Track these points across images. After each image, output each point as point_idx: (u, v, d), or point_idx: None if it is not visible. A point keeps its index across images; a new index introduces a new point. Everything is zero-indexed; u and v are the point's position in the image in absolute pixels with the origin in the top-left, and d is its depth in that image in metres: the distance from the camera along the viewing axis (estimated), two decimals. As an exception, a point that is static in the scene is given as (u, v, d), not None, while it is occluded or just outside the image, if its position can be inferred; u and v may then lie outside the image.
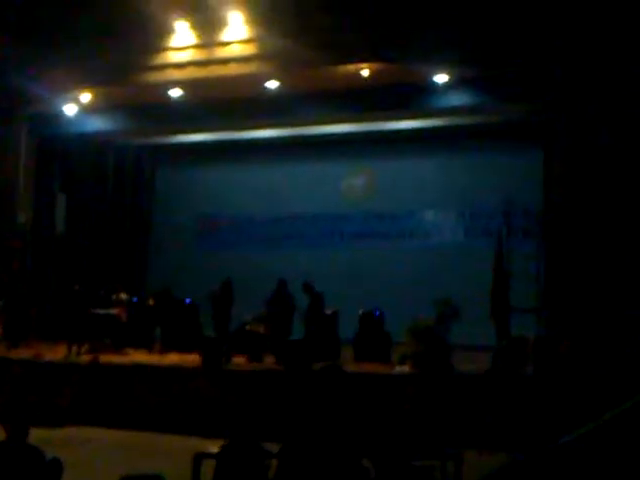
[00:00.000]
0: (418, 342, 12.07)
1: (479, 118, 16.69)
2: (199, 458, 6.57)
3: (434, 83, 14.88)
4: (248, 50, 15.18)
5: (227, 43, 15.26)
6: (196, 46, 15.48)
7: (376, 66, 14.57)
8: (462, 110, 15.89)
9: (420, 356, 11.89)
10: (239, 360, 13.48)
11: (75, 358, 13.73)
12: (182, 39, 15.36)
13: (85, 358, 13.52)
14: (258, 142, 18.99)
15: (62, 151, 18.63)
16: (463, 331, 12.62)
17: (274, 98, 15.76)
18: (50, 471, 5.66)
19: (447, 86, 14.92)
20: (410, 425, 9.53)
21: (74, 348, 14.03)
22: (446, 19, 13.54)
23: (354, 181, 18.94)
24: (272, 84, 15.47)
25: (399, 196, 18.11)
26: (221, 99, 16.13)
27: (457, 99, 15.22)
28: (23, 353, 13.96)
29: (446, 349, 12.07)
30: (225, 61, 15.31)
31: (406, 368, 12.07)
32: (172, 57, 15.69)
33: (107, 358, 13.53)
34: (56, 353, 14.04)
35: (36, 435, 5.79)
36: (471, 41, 13.66)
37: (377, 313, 14.18)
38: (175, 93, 16.12)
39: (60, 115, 17.28)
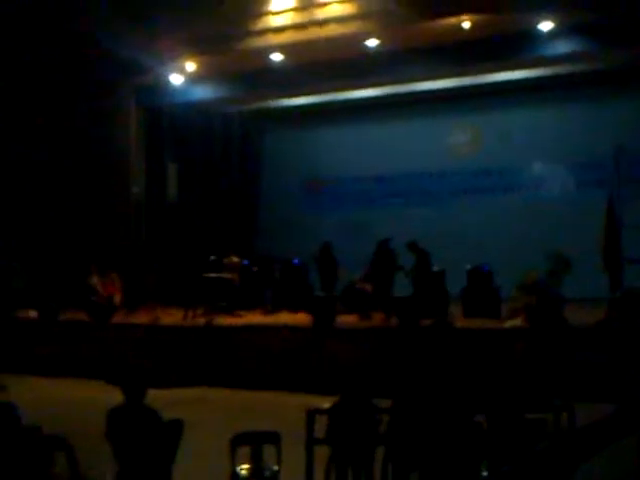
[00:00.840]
0: (529, 295, 11.89)
1: (586, 65, 16.13)
2: (312, 414, 6.69)
3: (539, 31, 14.44)
4: (347, 9, 15.07)
5: (325, 4, 15.19)
6: (294, 9, 15.47)
7: (477, 17, 14.22)
8: (569, 58, 15.37)
9: (532, 309, 11.72)
10: (349, 318, 13.63)
11: (191, 321, 14.18)
12: (280, 2, 15.38)
13: (200, 321, 13.94)
14: (361, 102, 18.91)
15: (170, 121, 19.02)
16: (576, 284, 12.36)
17: (375, 57, 15.64)
18: (170, 431, 5.88)
19: (552, 33, 14.45)
20: (522, 379, 9.45)
21: (189, 312, 14.50)
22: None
23: (460, 137, 18.70)
24: (372, 42, 15.34)
25: (506, 150, 17.77)
26: (322, 61, 16.08)
27: (563, 46, 14.71)
28: (141, 318, 14.46)
29: (558, 302, 11.85)
30: (324, 22, 15.24)
31: (517, 322, 11.93)
32: (271, 21, 15.75)
33: (221, 320, 13.89)
34: (173, 317, 14.54)
35: (153, 396, 5.97)
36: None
37: (486, 268, 14.02)
38: (276, 57, 16.22)
39: (166, 85, 17.64)
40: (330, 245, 15.10)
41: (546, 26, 14.31)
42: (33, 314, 15.01)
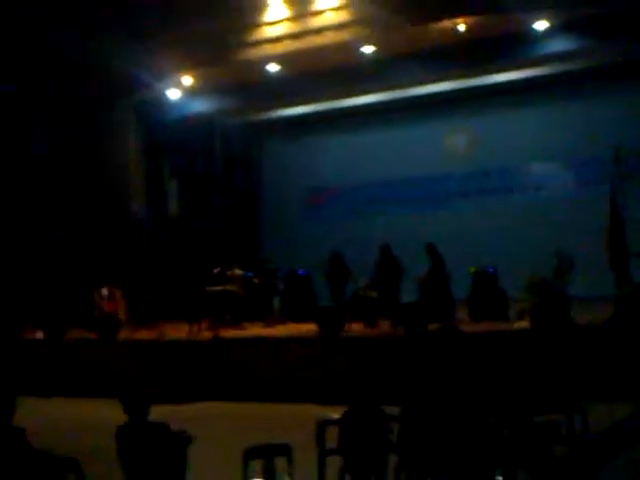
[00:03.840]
0: (535, 296, 11.84)
1: (582, 63, 16.17)
2: (323, 425, 6.64)
3: (534, 31, 14.48)
4: (341, 17, 15.13)
5: (320, 12, 15.26)
6: (289, 19, 15.52)
7: (472, 19, 14.27)
8: (565, 56, 15.45)
9: (538, 310, 11.66)
10: (355, 327, 13.58)
11: (196, 336, 14.13)
12: (275, 13, 15.42)
13: (206, 335, 13.89)
14: (359, 109, 18.98)
15: (169, 136, 19.05)
16: (582, 282, 12.31)
17: (371, 63, 15.71)
18: (177, 443, 5.83)
19: (548, 32, 14.52)
20: (533, 381, 9.40)
21: (194, 326, 14.44)
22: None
23: (459, 139, 18.70)
24: (368, 49, 15.38)
25: (504, 151, 17.80)
26: (319, 69, 16.15)
27: (559, 45, 14.79)
28: (147, 334, 14.42)
29: (565, 301, 11.79)
30: (319, 30, 15.31)
31: (525, 324, 11.87)
32: (267, 32, 15.79)
33: (227, 333, 13.85)
34: (178, 332, 14.48)
35: (162, 412, 5.94)
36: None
37: (491, 270, 13.96)
38: (273, 68, 16.25)
39: (164, 100, 17.71)
40: (340, 254, 15.06)
41: (541, 25, 14.36)
42: (39, 335, 14.95)
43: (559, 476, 5.57)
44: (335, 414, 6.39)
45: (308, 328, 13.53)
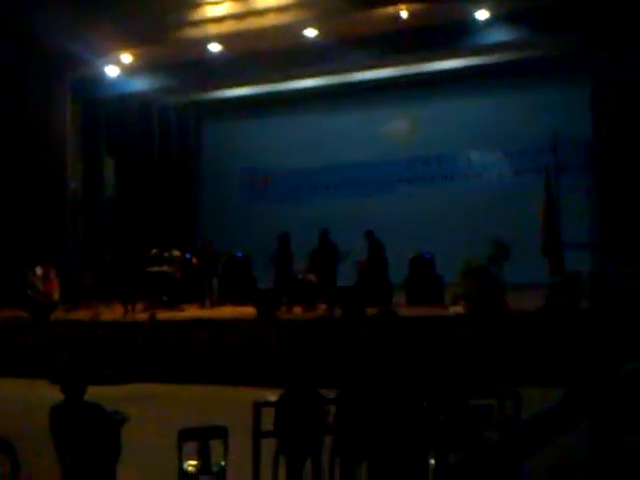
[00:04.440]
0: (471, 282, 12.02)
1: (522, 53, 16.42)
2: (259, 407, 6.65)
3: (475, 20, 14.61)
4: (285, -1, 15.03)
5: (263, -6, 15.14)
6: (233, -1, 15.39)
7: (414, 6, 14.34)
8: (505, 46, 15.67)
9: (473, 295, 11.85)
10: (294, 310, 13.65)
11: (132, 317, 13.99)
12: (219, -8, 15.29)
13: (142, 316, 13.76)
14: (300, 92, 18.92)
15: (106, 114, 18.77)
16: (516, 269, 12.54)
17: (313, 46, 15.65)
18: (111, 423, 5.78)
19: (488, 22, 14.67)
20: (467, 365, 9.55)
21: (129, 307, 14.32)
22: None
23: (398, 126, 18.81)
24: (310, 32, 15.32)
25: (444, 138, 17.98)
26: (260, 51, 16.05)
27: (499, 35, 14.97)
28: (82, 314, 14.22)
29: (499, 288, 12.01)
30: (262, 12, 15.20)
31: (460, 309, 12.05)
32: (209, 11, 15.62)
33: (164, 314, 13.74)
34: (113, 313, 14.32)
35: (97, 393, 5.87)
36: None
37: (427, 256, 14.15)
38: (214, 48, 16.07)
39: (102, 78, 17.37)
40: (288, 236, 14.84)
41: (482, 15, 14.48)
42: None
43: (490, 459, 5.67)
44: (272, 396, 6.40)
45: (246, 310, 13.51)
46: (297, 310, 13.65)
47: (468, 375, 7.40)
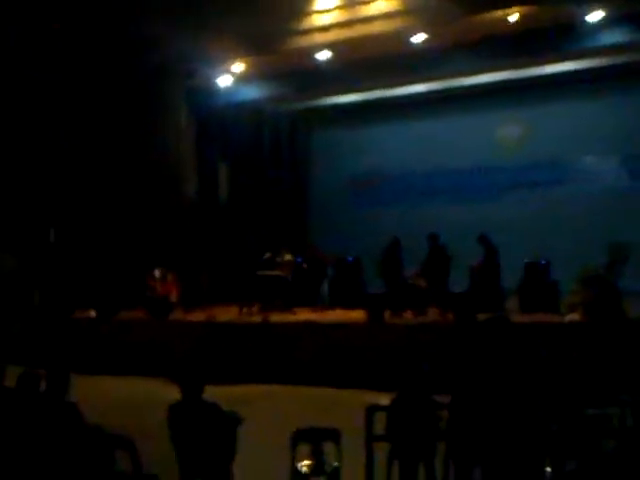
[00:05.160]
0: (588, 289, 11.72)
1: (636, 55, 15.82)
2: (372, 411, 6.68)
3: (587, 22, 14.22)
4: (392, 6, 14.99)
5: (370, 1, 15.15)
6: (340, 7, 15.47)
7: (524, 9, 14.06)
8: (618, 48, 15.13)
9: (591, 303, 11.55)
10: (405, 315, 13.60)
11: (247, 318, 14.26)
12: (326, 1, 15.38)
13: (256, 318, 14.02)
14: (409, 98, 18.86)
15: (220, 122, 19.17)
16: (636, 276, 12.16)
17: (421, 52, 15.55)
18: (228, 423, 5.93)
19: (601, 24, 14.21)
20: (584, 374, 9.32)
21: (245, 309, 14.64)
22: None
23: (510, 130, 18.54)
24: (418, 38, 15.23)
25: (557, 143, 17.62)
26: (369, 58, 16.05)
27: (612, 37, 14.47)
28: (198, 316, 14.58)
29: (617, 295, 11.66)
30: (369, 19, 15.19)
31: (577, 316, 11.76)
32: (317, 20, 15.75)
33: (277, 317, 13.95)
34: (229, 314, 14.62)
35: (214, 393, 6.05)
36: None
37: (542, 262, 13.87)
38: (323, 56, 16.22)
39: (215, 87, 17.80)
40: (398, 241, 14.84)
41: (596, 16, 14.08)
42: (92, 314, 15.26)
43: (608, 468, 5.54)
44: (384, 400, 6.43)
45: (356, 314, 13.58)
46: (407, 315, 13.63)
47: (586, 384, 7.22)
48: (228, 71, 17.33)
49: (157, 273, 15.37)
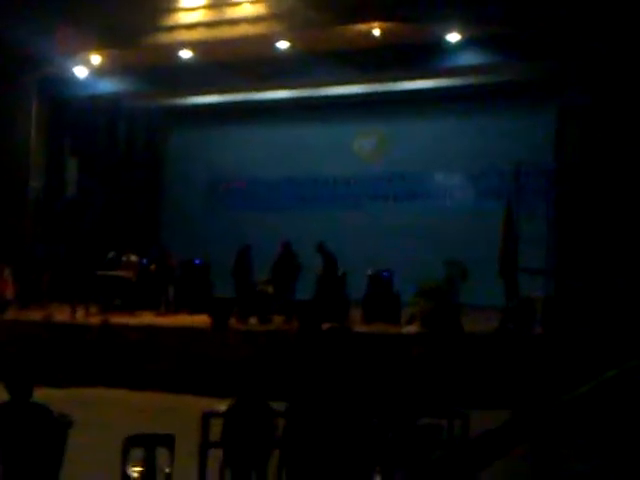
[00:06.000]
0: (427, 302, 12.09)
1: (491, 77, 16.59)
2: (207, 417, 6.61)
3: (446, 42, 14.76)
4: (258, 10, 15.08)
5: (237, 3, 15.21)
6: (206, 6, 15.42)
7: (387, 25, 14.44)
8: (474, 70, 15.83)
9: (429, 316, 11.91)
10: (250, 321, 13.57)
11: (84, 319, 13.81)
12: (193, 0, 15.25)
13: (95, 319, 13.61)
14: (270, 103, 18.91)
15: (73, 114, 18.60)
16: (472, 291, 12.64)
17: (285, 59, 15.69)
18: (57, 426, 5.71)
19: (459, 45, 14.82)
20: (418, 384, 9.58)
21: (80, 309, 14.08)
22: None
23: (365, 143, 18.88)
24: (282, 44, 15.36)
25: (410, 158, 18.05)
26: (232, 60, 16.03)
27: (469, 58, 15.11)
28: (34, 315, 14.03)
29: (455, 309, 12.09)
30: (235, 21, 15.21)
31: (414, 328, 12.10)
32: (182, 18, 15.61)
33: (117, 319, 13.59)
34: (67, 315, 14.12)
35: (45, 394, 5.85)
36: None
37: (386, 274, 14.19)
38: (186, 54, 16.05)
39: (70, 78, 17.23)
40: (249, 247, 14.88)
41: (453, 37, 14.63)
42: None
43: (434, 477, 5.69)
44: (222, 407, 6.37)
45: (201, 319, 13.44)
46: (252, 321, 13.60)
47: (419, 394, 7.42)
48: (85, 62, 16.80)
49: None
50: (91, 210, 18.56)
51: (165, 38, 15.94)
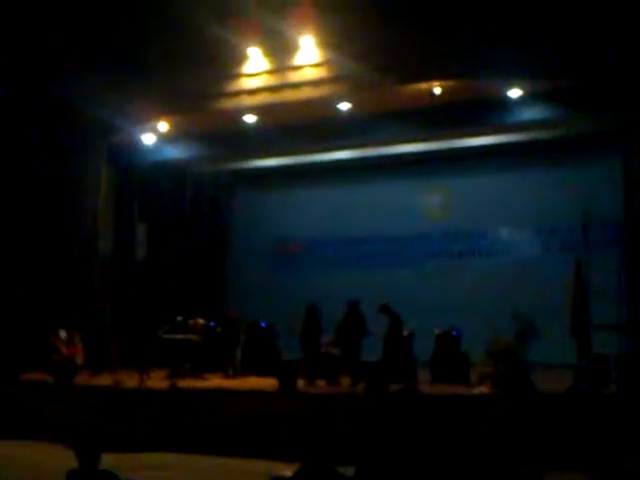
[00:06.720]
0: (497, 362, 11.82)
1: (554, 131, 16.44)
2: (274, 481, 6.51)
3: (508, 98, 14.73)
4: (319, 73, 15.23)
5: (299, 67, 15.36)
6: (269, 71, 15.64)
7: (447, 83, 14.46)
8: (537, 124, 15.73)
9: (500, 376, 11.63)
10: (318, 383, 13.49)
11: (152, 384, 13.84)
12: (255, 65, 15.53)
13: (163, 384, 13.63)
14: (332, 164, 19.07)
15: (141, 180, 19.03)
16: (543, 349, 12.30)
17: (347, 120, 15.85)
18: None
19: (521, 100, 14.77)
20: (490, 446, 9.30)
21: (145, 375, 14.10)
22: (517, 32, 13.29)
23: (429, 200, 18.82)
24: (344, 106, 15.51)
25: (475, 214, 17.95)
26: (295, 123, 16.29)
27: (532, 113, 15.04)
28: (103, 380, 14.16)
29: (525, 368, 11.78)
30: (297, 85, 15.40)
31: (485, 389, 11.81)
32: (246, 83, 15.87)
33: (185, 383, 13.60)
34: (136, 380, 14.11)
35: (113, 460, 5.85)
36: (543, 54, 13.38)
37: (455, 333, 13.94)
38: (249, 119, 16.33)
39: (138, 144, 17.67)
40: (316, 308, 14.59)
41: (515, 93, 14.58)
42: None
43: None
44: (288, 471, 6.26)
45: (268, 382, 13.36)
46: (320, 384, 13.46)
47: (492, 456, 7.19)
48: (152, 129, 17.23)
49: (63, 334, 14.83)
50: (160, 274, 18.79)
51: (229, 103, 16.23)
